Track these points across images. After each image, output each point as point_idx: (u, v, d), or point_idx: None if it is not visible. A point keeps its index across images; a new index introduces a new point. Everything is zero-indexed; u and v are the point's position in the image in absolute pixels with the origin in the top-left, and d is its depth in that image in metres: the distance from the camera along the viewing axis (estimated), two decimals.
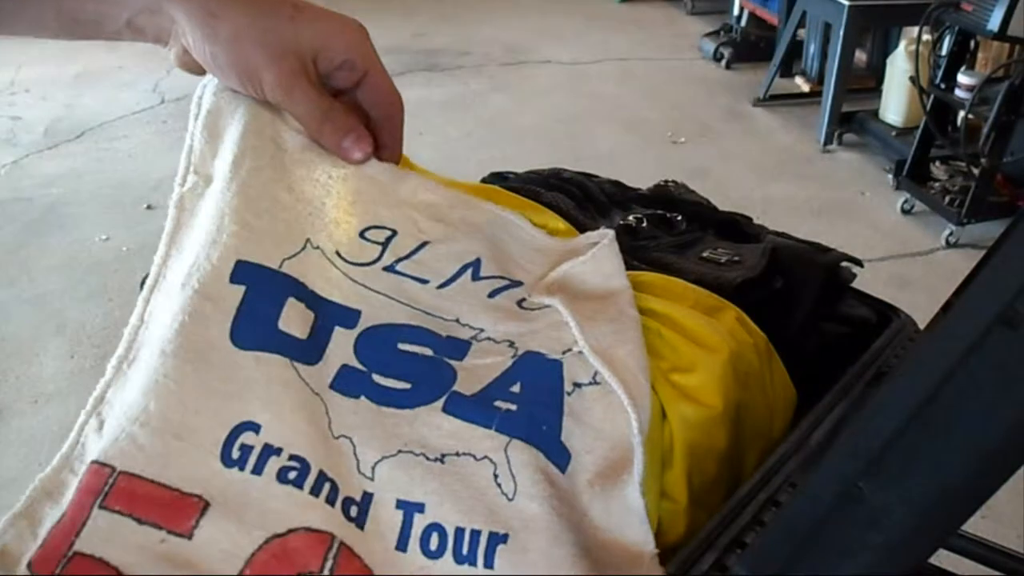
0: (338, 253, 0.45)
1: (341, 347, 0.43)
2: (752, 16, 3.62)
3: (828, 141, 2.84)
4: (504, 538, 0.38)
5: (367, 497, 0.39)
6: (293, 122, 0.47)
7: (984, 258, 0.42)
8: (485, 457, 0.40)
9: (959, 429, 0.29)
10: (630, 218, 0.63)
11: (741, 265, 0.56)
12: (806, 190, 2.60)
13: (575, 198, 0.64)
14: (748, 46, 3.61)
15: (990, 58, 2.61)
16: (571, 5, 4.48)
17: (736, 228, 0.65)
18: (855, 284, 0.61)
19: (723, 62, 3.62)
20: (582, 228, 0.56)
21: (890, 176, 2.59)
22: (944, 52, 2.37)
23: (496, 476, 0.40)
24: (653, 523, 0.42)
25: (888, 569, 0.33)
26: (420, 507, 0.39)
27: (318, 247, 0.45)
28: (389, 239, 0.46)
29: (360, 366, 0.42)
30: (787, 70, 3.33)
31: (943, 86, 2.35)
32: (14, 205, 2.50)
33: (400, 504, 0.39)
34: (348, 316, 0.43)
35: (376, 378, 0.42)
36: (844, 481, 0.32)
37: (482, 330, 0.45)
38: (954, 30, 2.32)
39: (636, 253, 0.58)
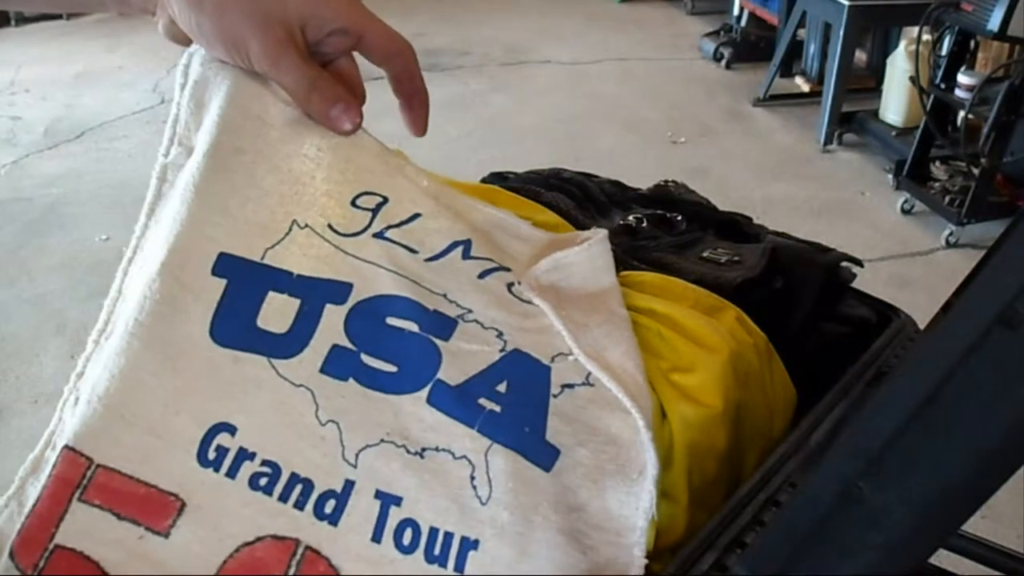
0: (330, 226, 0.44)
1: (331, 326, 0.42)
2: (752, 16, 3.62)
3: (828, 141, 2.84)
4: (475, 544, 0.38)
5: (348, 486, 0.40)
6: (281, 93, 0.46)
7: (984, 258, 0.42)
8: (464, 457, 0.40)
9: (959, 429, 0.30)
10: (630, 218, 0.63)
11: (741, 265, 0.56)
12: (806, 190, 2.60)
13: (575, 198, 0.64)
14: (748, 46, 3.61)
15: (990, 58, 2.61)
16: (571, 5, 4.48)
17: (736, 228, 0.65)
18: (855, 284, 0.61)
19: (723, 62, 3.62)
20: (582, 228, 0.56)
21: (890, 176, 2.59)
22: (944, 52, 2.37)
23: (472, 478, 0.40)
24: (653, 523, 0.42)
25: (888, 569, 0.33)
26: (397, 500, 0.39)
27: (306, 225, 0.44)
28: (380, 205, 0.45)
29: (350, 345, 0.42)
30: (787, 70, 3.33)
31: (943, 86, 2.35)
32: (14, 205, 2.50)
33: (379, 495, 0.39)
34: (339, 291, 0.43)
35: (365, 358, 0.42)
36: (844, 481, 0.32)
37: (470, 311, 0.44)
38: (954, 30, 2.31)
39: (636, 253, 0.58)
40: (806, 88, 3.26)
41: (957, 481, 0.30)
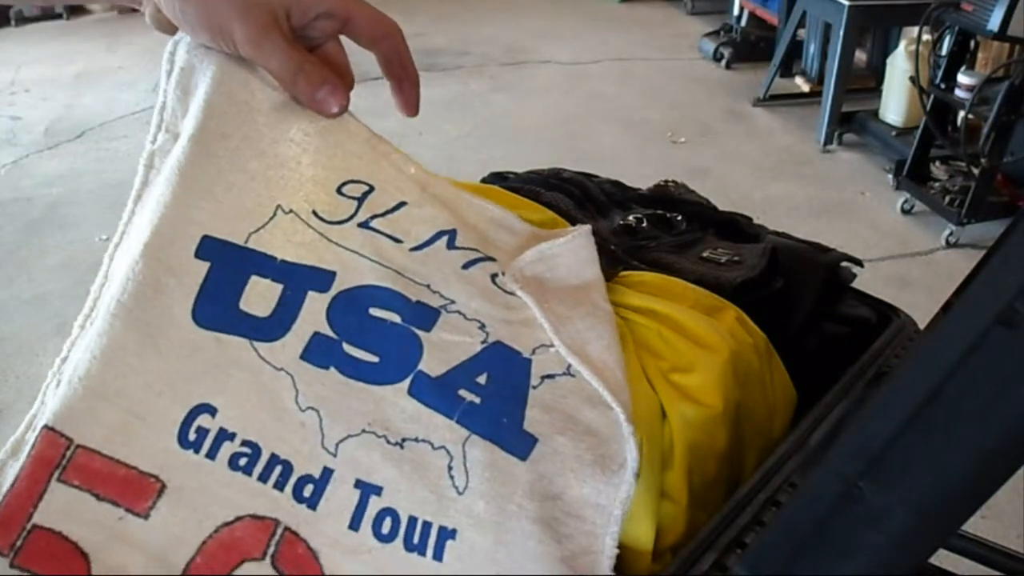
0: (315, 213, 0.44)
1: (313, 313, 0.42)
2: (752, 16, 3.62)
3: (828, 141, 2.84)
4: (453, 534, 0.39)
5: (327, 473, 0.40)
6: (268, 78, 0.46)
7: (984, 258, 0.42)
8: (442, 447, 0.40)
9: (959, 429, 0.30)
10: (630, 218, 0.63)
11: (741, 265, 0.56)
12: (806, 190, 2.60)
13: (575, 198, 0.64)
14: (748, 46, 3.61)
15: (990, 58, 2.61)
16: (571, 5, 4.48)
17: (736, 228, 0.65)
18: (855, 284, 0.61)
19: (723, 62, 3.62)
20: None
21: (890, 176, 2.59)
22: (944, 52, 2.37)
23: (450, 468, 0.40)
24: (653, 523, 0.42)
25: (888, 569, 0.33)
26: (378, 490, 0.40)
27: (291, 211, 0.44)
28: (366, 194, 0.45)
29: (332, 333, 0.42)
30: (787, 70, 3.33)
31: (943, 86, 2.35)
32: (14, 205, 2.50)
33: (359, 484, 0.40)
34: (322, 279, 0.43)
35: (347, 348, 0.42)
36: (844, 481, 0.32)
37: (453, 301, 0.44)
38: (954, 30, 2.32)
39: (636, 253, 0.58)
40: (806, 88, 3.26)
41: (957, 481, 0.30)
